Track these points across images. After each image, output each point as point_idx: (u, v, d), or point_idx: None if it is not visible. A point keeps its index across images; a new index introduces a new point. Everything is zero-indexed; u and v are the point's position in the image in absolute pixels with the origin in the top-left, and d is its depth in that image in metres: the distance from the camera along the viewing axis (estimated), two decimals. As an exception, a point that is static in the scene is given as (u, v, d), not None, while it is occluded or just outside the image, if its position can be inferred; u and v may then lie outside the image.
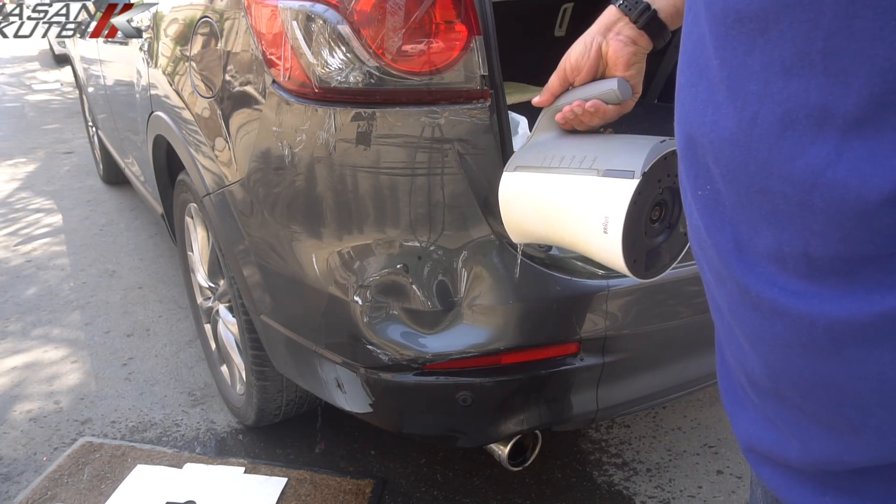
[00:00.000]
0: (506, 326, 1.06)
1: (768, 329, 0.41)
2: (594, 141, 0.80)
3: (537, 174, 0.82)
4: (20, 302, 2.51)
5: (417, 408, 1.18)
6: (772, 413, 0.46)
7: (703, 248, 0.46)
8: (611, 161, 0.74)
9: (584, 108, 0.76)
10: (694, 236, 0.48)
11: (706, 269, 0.47)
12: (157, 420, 1.79)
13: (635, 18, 0.72)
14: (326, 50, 0.99)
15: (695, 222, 0.46)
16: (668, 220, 0.80)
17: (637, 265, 0.77)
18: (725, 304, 0.46)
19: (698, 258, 0.49)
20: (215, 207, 1.33)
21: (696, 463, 1.62)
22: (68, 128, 5.62)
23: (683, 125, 0.45)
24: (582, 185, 0.76)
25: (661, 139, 0.75)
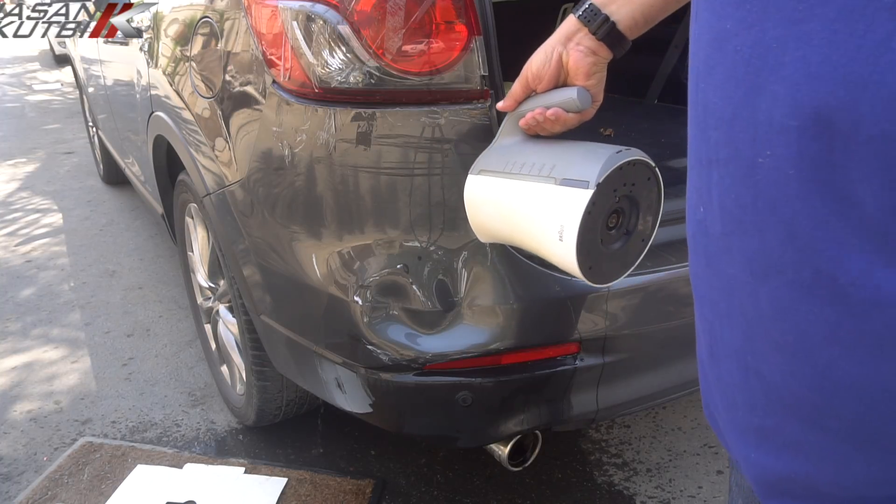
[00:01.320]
0: (506, 326, 1.06)
1: (852, 327, 0.36)
2: (555, 148, 0.81)
3: (499, 179, 0.84)
4: (20, 302, 2.51)
5: (417, 408, 1.18)
6: (796, 435, 0.42)
7: (742, 231, 0.41)
8: (568, 170, 0.75)
9: (546, 115, 0.78)
10: (722, 222, 0.43)
11: (736, 261, 0.42)
12: (158, 420, 1.79)
13: (594, 30, 0.74)
14: (326, 50, 0.99)
15: (730, 201, 0.42)
16: (625, 227, 0.81)
17: (593, 272, 0.78)
18: (767, 302, 0.41)
19: (717, 252, 0.44)
20: (215, 207, 1.33)
21: (697, 463, 1.62)
22: (68, 128, 5.62)
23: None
24: (540, 192, 0.77)
25: (618, 149, 0.76)
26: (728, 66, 0.40)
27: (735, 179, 0.41)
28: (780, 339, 0.40)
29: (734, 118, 0.40)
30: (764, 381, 0.43)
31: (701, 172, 0.44)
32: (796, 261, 0.38)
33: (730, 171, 0.41)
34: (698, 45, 0.43)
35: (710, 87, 0.42)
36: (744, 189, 0.40)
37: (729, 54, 0.39)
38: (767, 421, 0.43)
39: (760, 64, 0.37)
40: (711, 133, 0.42)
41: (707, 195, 0.44)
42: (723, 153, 0.41)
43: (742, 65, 0.38)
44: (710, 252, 0.45)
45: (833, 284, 0.36)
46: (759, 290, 0.41)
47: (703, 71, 0.42)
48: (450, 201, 1.02)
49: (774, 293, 0.40)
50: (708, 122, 0.42)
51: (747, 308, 0.42)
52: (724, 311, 0.45)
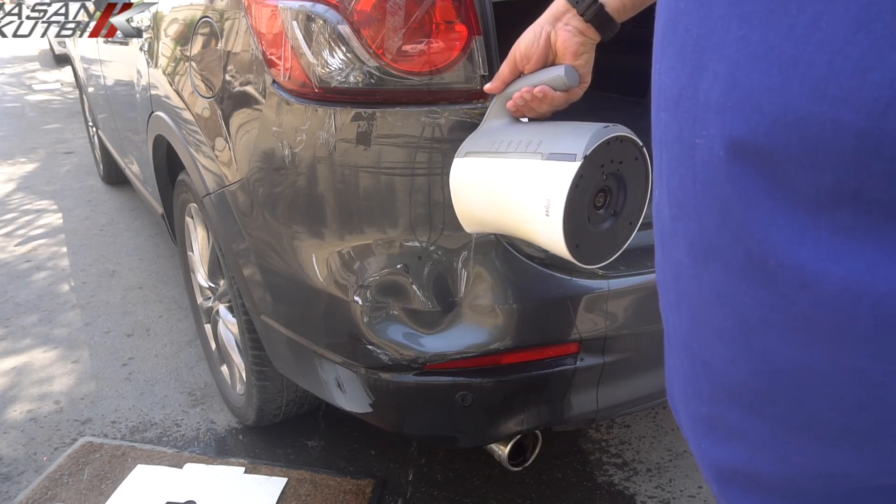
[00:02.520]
0: (506, 326, 1.06)
1: (783, 309, 0.35)
2: (541, 127, 0.81)
3: (485, 159, 0.83)
4: (20, 302, 2.51)
5: (417, 408, 1.18)
6: (738, 423, 0.41)
7: (685, 215, 0.41)
8: (555, 145, 0.75)
9: (533, 93, 0.78)
10: (669, 205, 0.42)
11: (682, 246, 0.42)
12: (158, 420, 1.79)
13: (582, 11, 0.74)
14: (326, 50, 0.99)
15: (675, 184, 0.41)
16: (612, 207, 0.80)
17: (580, 251, 0.77)
18: (709, 286, 0.40)
19: (667, 237, 0.44)
20: (215, 207, 1.33)
21: (697, 463, 1.62)
22: (68, 128, 5.62)
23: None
24: (526, 168, 0.77)
25: (605, 125, 0.75)
26: (678, 46, 0.40)
27: (679, 162, 0.40)
28: (721, 325, 0.40)
29: (679, 99, 0.40)
30: (708, 369, 0.42)
31: (656, 155, 0.45)
32: (730, 243, 0.37)
33: (675, 154, 0.41)
34: (657, 27, 0.43)
35: (663, 68, 0.42)
36: (685, 171, 0.40)
37: (680, 34, 0.39)
38: (713, 409, 0.43)
39: (705, 43, 0.37)
40: (662, 114, 0.42)
41: (659, 179, 0.44)
42: (670, 135, 0.41)
43: (690, 44, 0.38)
44: (664, 238, 0.45)
45: (764, 267, 0.36)
46: (702, 275, 0.41)
47: (659, 52, 0.43)
48: (450, 201, 1.02)
49: (713, 277, 0.39)
50: (659, 103, 0.42)
51: (692, 294, 0.42)
52: (673, 299, 0.45)
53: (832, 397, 0.35)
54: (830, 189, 0.32)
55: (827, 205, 0.32)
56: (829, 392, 0.35)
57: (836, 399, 0.35)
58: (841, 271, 0.32)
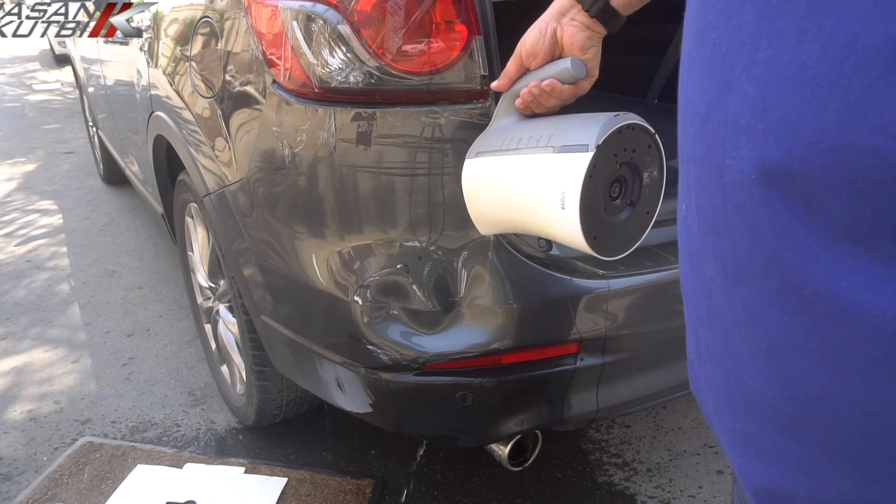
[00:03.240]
0: (506, 326, 1.06)
1: (820, 337, 0.34)
2: (551, 120, 0.80)
3: (497, 157, 0.82)
4: (20, 302, 2.51)
5: (417, 408, 1.18)
6: (773, 444, 0.40)
7: (715, 233, 0.40)
8: (566, 137, 0.74)
9: (541, 87, 0.77)
10: (699, 222, 0.42)
11: (713, 264, 0.41)
12: (158, 420, 1.79)
13: (588, 7, 0.73)
14: (326, 50, 0.99)
15: (704, 202, 0.40)
16: (628, 197, 0.79)
17: (598, 242, 0.76)
18: (741, 307, 0.39)
19: (696, 253, 0.43)
20: (215, 207, 1.33)
21: (697, 463, 1.62)
22: (68, 128, 5.62)
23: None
24: (538, 162, 0.76)
25: (616, 113, 0.75)
26: (706, 60, 0.38)
27: (708, 179, 0.39)
28: (755, 346, 0.39)
29: (708, 115, 0.38)
30: (743, 387, 0.41)
31: (684, 169, 0.44)
32: (763, 268, 0.36)
33: (704, 171, 0.40)
34: (685, 37, 0.42)
35: (691, 81, 0.41)
36: (714, 190, 0.39)
37: (708, 47, 0.38)
38: (748, 427, 0.42)
39: (734, 60, 0.36)
40: (690, 129, 0.41)
41: (687, 193, 0.43)
42: (698, 150, 0.40)
43: (719, 59, 0.37)
44: (693, 251, 0.44)
45: (800, 293, 0.35)
46: (734, 295, 0.40)
47: (687, 64, 0.41)
48: (450, 201, 1.02)
49: (746, 299, 0.38)
50: (687, 117, 0.41)
51: (724, 312, 0.41)
52: (705, 313, 0.44)
53: (872, 427, 0.34)
54: (869, 219, 0.31)
55: (865, 234, 0.31)
56: (869, 422, 0.34)
57: (876, 429, 0.34)
58: (882, 302, 0.31)
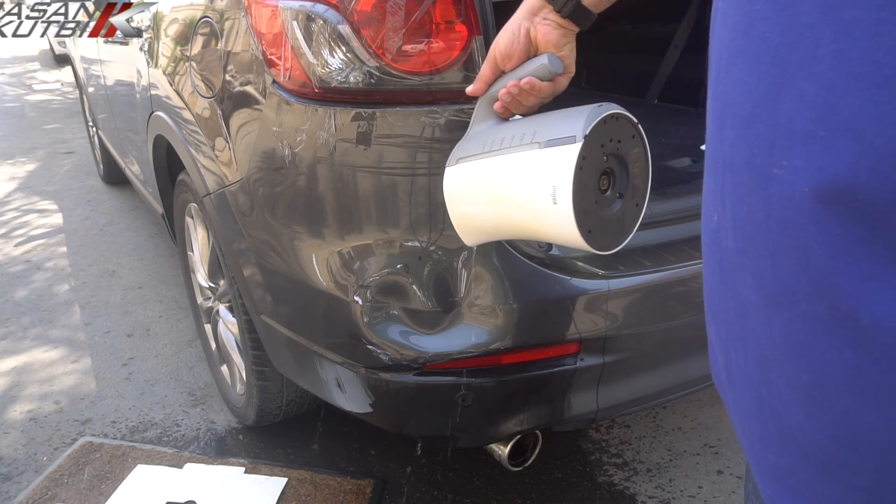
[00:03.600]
0: (506, 326, 1.06)
1: (874, 375, 0.31)
2: (532, 119, 0.79)
3: (480, 160, 0.81)
4: (20, 302, 2.51)
5: (417, 408, 1.18)
6: (810, 482, 0.37)
7: (754, 250, 0.36)
8: (551, 131, 0.73)
9: (520, 85, 0.76)
10: (735, 236, 0.38)
11: (750, 283, 0.37)
12: (158, 420, 1.79)
13: (559, 8, 0.72)
14: (326, 50, 0.99)
15: (742, 214, 0.36)
16: (617, 189, 0.78)
17: (593, 237, 0.75)
18: (781, 333, 0.35)
19: (730, 269, 0.39)
20: (215, 207, 1.33)
21: (697, 463, 1.62)
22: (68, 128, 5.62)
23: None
24: (525, 160, 0.75)
25: (598, 104, 0.74)
26: (752, 56, 0.34)
27: (749, 190, 0.35)
28: (795, 377, 0.35)
29: (752, 118, 0.34)
30: (778, 418, 0.38)
31: (716, 176, 0.39)
32: (811, 292, 0.33)
33: (743, 180, 0.36)
34: (724, 29, 0.37)
35: (731, 79, 0.36)
36: (756, 202, 0.35)
37: (755, 41, 0.34)
38: (782, 460, 0.38)
39: (788, 56, 0.32)
40: (728, 133, 0.37)
41: (721, 203, 0.39)
42: (738, 157, 0.36)
43: (768, 55, 0.33)
44: (725, 267, 0.40)
45: (854, 324, 0.31)
46: (773, 319, 0.36)
47: (726, 59, 0.37)
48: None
49: (788, 325, 0.35)
50: (725, 119, 0.37)
51: (761, 336, 0.37)
52: (738, 334, 0.40)
53: None
54: None
55: None
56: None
57: None
58: None
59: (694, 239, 1.21)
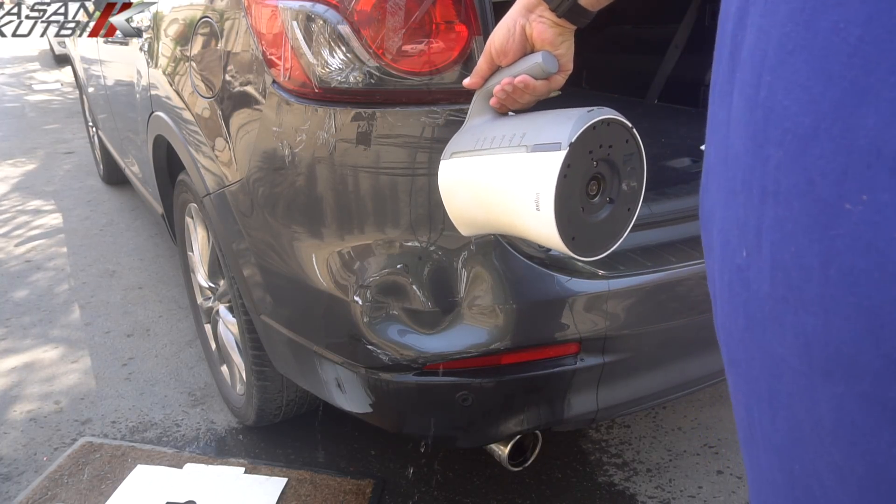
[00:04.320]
0: (506, 326, 1.06)
1: None
2: (525, 118, 0.78)
3: (471, 158, 0.80)
4: (20, 302, 2.51)
5: (417, 408, 1.18)
6: None
7: (801, 304, 0.29)
8: (539, 135, 0.72)
9: (514, 83, 0.74)
10: (773, 281, 0.31)
11: (790, 342, 0.31)
12: (158, 420, 1.79)
13: (555, 7, 0.70)
14: (326, 50, 0.99)
15: (786, 256, 0.30)
16: (607, 194, 0.76)
17: (576, 243, 0.74)
18: (830, 410, 0.29)
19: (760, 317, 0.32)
20: (215, 207, 1.33)
21: (697, 463, 1.62)
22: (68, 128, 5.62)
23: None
24: (512, 162, 0.74)
25: (589, 109, 0.72)
26: (817, 53, 0.27)
27: (800, 227, 0.29)
28: (845, 466, 0.29)
29: (815, 135, 0.27)
30: (815, 502, 0.32)
31: (747, 203, 0.32)
32: (879, 368, 0.26)
33: (792, 213, 0.29)
34: (770, 18, 0.30)
35: (781, 83, 0.29)
36: (811, 244, 0.28)
37: (822, 34, 0.27)
38: None
39: (876, 54, 0.25)
40: (773, 151, 0.30)
41: (754, 237, 0.32)
42: (787, 183, 0.29)
43: (844, 52, 0.26)
44: (754, 314, 0.33)
45: None
46: (819, 390, 0.30)
47: (774, 57, 0.30)
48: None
49: (840, 402, 0.29)
50: (770, 133, 0.30)
51: (798, 406, 0.31)
52: (765, 394, 0.34)
53: None
54: None
55: None
56: None
57: None
58: None
59: (694, 239, 1.21)
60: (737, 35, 0.34)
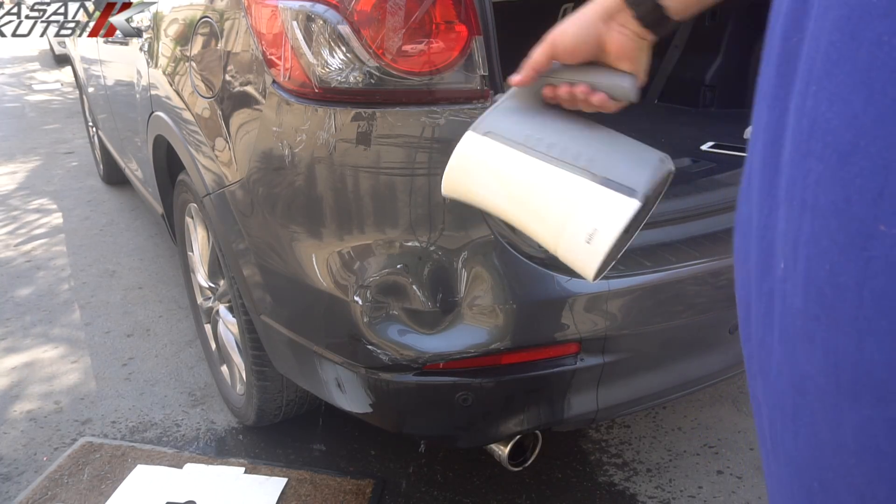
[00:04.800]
0: (506, 326, 1.06)
1: None
2: (588, 134, 0.73)
3: (516, 151, 0.73)
4: (20, 302, 2.51)
5: (417, 408, 1.18)
6: None
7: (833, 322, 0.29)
8: (610, 168, 0.68)
9: (591, 99, 0.68)
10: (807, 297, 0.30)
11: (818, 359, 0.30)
12: (158, 420, 1.79)
13: (641, 15, 0.64)
14: (326, 50, 0.99)
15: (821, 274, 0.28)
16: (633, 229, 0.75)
17: (598, 272, 0.73)
18: (854, 433, 0.29)
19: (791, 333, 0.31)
20: (215, 207, 1.33)
21: (697, 463, 1.62)
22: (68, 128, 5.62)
23: None
24: (574, 185, 0.70)
25: (661, 157, 0.70)
26: (861, 66, 0.26)
27: (836, 245, 0.28)
28: (866, 489, 0.29)
29: (855, 150, 0.26)
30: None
31: (788, 214, 0.31)
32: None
33: (829, 229, 0.28)
34: (822, 25, 0.29)
35: (826, 94, 0.28)
36: (847, 264, 0.27)
37: (866, 46, 0.26)
38: None
39: None
40: (814, 164, 0.29)
41: (791, 249, 0.31)
42: (825, 199, 0.28)
43: (886, 67, 0.25)
44: (785, 328, 0.33)
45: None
46: (845, 412, 0.29)
47: (821, 67, 0.29)
48: (450, 202, 1.02)
49: (867, 426, 0.28)
50: (812, 145, 0.29)
51: (822, 426, 0.31)
52: (789, 410, 0.34)
53: None
54: None
55: None
56: None
57: None
58: None
59: (694, 239, 1.21)
60: (790, 37, 0.32)
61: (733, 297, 0.43)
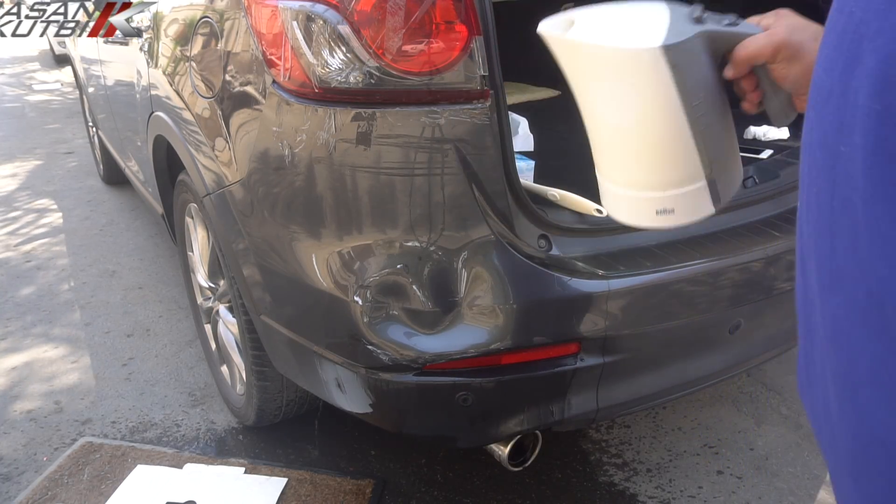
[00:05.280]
0: (506, 326, 1.06)
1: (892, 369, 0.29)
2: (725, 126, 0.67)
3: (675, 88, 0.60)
4: (20, 302, 2.51)
5: (417, 408, 1.18)
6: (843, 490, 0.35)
7: (819, 233, 0.34)
8: (720, 174, 0.67)
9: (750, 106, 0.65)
10: (808, 219, 0.35)
11: (814, 269, 0.35)
12: (158, 420, 1.79)
13: None
14: (326, 50, 0.99)
15: (813, 196, 0.34)
16: None
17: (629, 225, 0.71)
18: (829, 321, 0.34)
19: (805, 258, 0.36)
20: (215, 207, 1.33)
21: (697, 463, 1.62)
22: (68, 128, 5.62)
23: None
24: (690, 163, 0.64)
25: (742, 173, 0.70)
26: (839, 32, 0.32)
27: (819, 171, 0.34)
28: (836, 370, 0.33)
29: (830, 96, 0.32)
30: (829, 419, 0.36)
31: (803, 159, 0.37)
32: (855, 276, 0.31)
33: (816, 160, 0.34)
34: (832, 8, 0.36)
35: (820, 58, 0.35)
36: (824, 183, 0.33)
37: (844, 16, 0.32)
38: (829, 464, 0.37)
39: (865, 30, 0.29)
40: (811, 113, 0.35)
41: (803, 189, 0.37)
42: (814, 137, 0.34)
43: (851, 30, 0.31)
44: (803, 255, 0.38)
45: (880, 312, 0.29)
46: (825, 307, 0.34)
47: (822, 39, 0.35)
48: (449, 201, 1.02)
49: (834, 312, 0.33)
50: (811, 100, 0.36)
51: (817, 324, 0.35)
52: (807, 326, 0.38)
53: None
54: None
55: None
56: None
57: None
58: None
59: (693, 239, 1.21)
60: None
61: (733, 298, 0.43)
